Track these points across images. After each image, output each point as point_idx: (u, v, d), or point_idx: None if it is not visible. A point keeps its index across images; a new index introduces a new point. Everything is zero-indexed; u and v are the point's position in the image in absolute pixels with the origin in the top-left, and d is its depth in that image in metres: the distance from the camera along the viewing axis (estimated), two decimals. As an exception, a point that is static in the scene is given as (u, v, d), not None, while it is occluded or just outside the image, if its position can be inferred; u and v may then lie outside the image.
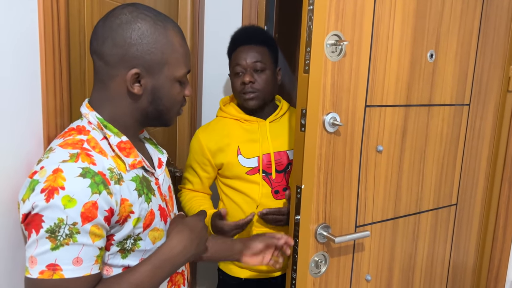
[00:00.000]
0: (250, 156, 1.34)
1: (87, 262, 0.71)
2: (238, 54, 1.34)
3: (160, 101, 0.82)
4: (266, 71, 1.33)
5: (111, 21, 0.77)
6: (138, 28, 0.77)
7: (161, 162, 0.93)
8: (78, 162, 0.72)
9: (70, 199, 0.68)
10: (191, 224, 0.87)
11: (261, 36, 1.38)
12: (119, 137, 0.80)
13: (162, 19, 0.80)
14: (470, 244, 1.46)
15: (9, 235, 0.78)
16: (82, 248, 0.70)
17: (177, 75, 0.82)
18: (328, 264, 1.07)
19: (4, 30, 0.73)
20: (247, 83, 1.31)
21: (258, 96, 1.33)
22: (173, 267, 0.81)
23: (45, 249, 0.68)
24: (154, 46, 0.78)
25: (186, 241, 0.83)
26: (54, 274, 0.68)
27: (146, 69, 0.78)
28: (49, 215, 0.68)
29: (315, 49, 0.94)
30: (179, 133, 1.73)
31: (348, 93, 1.01)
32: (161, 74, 0.80)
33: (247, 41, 1.35)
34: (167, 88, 0.82)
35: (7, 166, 0.76)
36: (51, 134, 0.86)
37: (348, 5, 0.96)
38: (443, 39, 1.18)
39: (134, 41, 0.76)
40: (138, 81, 0.79)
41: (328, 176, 1.02)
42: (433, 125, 1.23)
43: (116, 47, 0.76)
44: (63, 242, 0.68)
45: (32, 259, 0.69)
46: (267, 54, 1.35)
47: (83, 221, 0.69)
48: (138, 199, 0.79)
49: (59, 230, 0.68)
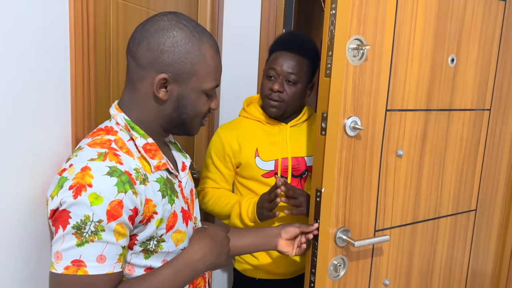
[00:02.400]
0: (268, 159, 1.34)
1: (110, 260, 0.72)
2: (277, 57, 1.31)
3: (184, 110, 0.83)
4: (297, 85, 1.31)
5: (150, 25, 0.79)
6: (173, 36, 0.78)
7: (184, 165, 0.94)
8: (106, 161, 0.73)
9: (97, 196, 0.70)
10: (212, 233, 0.89)
11: (305, 47, 1.33)
12: (145, 139, 0.82)
13: (199, 31, 0.81)
14: (489, 251, 1.45)
15: (38, 232, 0.81)
16: (106, 246, 0.72)
17: (205, 87, 0.83)
18: (347, 268, 1.07)
19: (37, 34, 0.75)
20: (275, 91, 1.29)
21: (281, 106, 1.32)
22: (193, 272, 0.82)
23: (71, 245, 0.70)
24: (185, 56, 0.79)
25: (206, 249, 0.85)
26: (78, 270, 0.70)
27: (174, 76, 0.80)
28: (76, 212, 0.70)
29: (337, 53, 0.95)
30: (197, 136, 1.75)
31: (369, 97, 1.02)
32: (188, 84, 0.82)
33: (290, 47, 1.31)
34: (192, 99, 0.83)
35: (37, 166, 0.78)
36: (79, 135, 0.88)
37: (370, 10, 0.97)
38: (464, 43, 1.18)
39: (167, 48, 0.78)
40: (165, 87, 0.80)
41: (348, 180, 1.03)
42: (453, 130, 1.22)
43: (149, 50, 0.78)
44: (88, 239, 0.70)
45: (57, 255, 0.70)
46: (304, 68, 1.31)
47: (109, 219, 0.71)
48: (162, 200, 0.80)
49: (85, 227, 0.70)
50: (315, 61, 1.34)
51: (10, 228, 0.72)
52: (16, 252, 0.74)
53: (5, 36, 0.66)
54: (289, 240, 1.07)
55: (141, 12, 1.25)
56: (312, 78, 1.37)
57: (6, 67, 0.67)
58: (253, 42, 1.77)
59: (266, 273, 1.41)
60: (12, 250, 0.73)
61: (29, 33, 0.73)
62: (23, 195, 0.75)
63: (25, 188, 0.75)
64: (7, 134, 0.69)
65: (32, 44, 0.74)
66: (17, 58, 0.70)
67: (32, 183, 0.77)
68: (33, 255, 0.79)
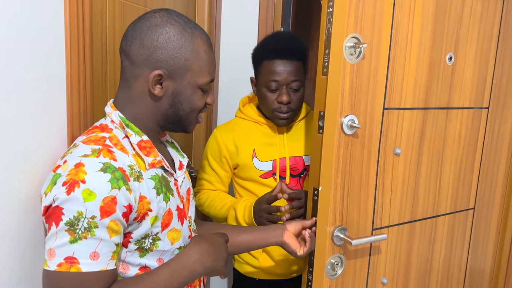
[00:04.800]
0: (265, 159, 1.34)
1: (104, 257, 0.72)
2: (274, 67, 1.26)
3: (180, 106, 0.83)
4: (301, 89, 1.30)
5: (142, 23, 0.79)
6: (166, 32, 0.78)
7: (181, 164, 0.94)
8: (100, 157, 0.73)
9: (90, 192, 0.70)
10: (210, 238, 0.89)
11: (298, 50, 1.29)
12: (140, 136, 0.82)
13: (191, 26, 0.82)
14: (488, 249, 1.45)
15: (33, 231, 0.81)
16: (100, 243, 0.71)
17: (200, 82, 0.83)
18: (345, 267, 1.07)
19: (31, 32, 0.75)
20: (285, 104, 1.27)
21: (291, 116, 1.31)
22: (190, 274, 0.82)
23: (64, 242, 0.69)
24: (178, 52, 0.79)
25: (203, 251, 0.84)
26: (71, 267, 0.69)
27: (169, 72, 0.80)
28: (69, 208, 0.69)
29: (334, 52, 0.95)
30: (195, 135, 1.75)
31: (366, 95, 1.01)
32: (183, 80, 0.82)
33: (288, 55, 1.26)
34: (188, 94, 0.83)
35: (33, 165, 0.78)
36: (75, 133, 0.88)
37: (368, 8, 0.96)
38: (462, 42, 1.17)
39: (160, 44, 0.78)
40: (160, 83, 0.80)
41: (346, 178, 1.02)
42: (451, 128, 1.22)
43: (142, 47, 0.78)
44: (81, 235, 0.70)
45: (51, 252, 0.70)
46: (302, 70, 1.29)
47: (102, 215, 0.70)
48: (157, 198, 0.80)
49: (78, 223, 0.69)
50: (306, 59, 1.33)
51: (5, 226, 0.72)
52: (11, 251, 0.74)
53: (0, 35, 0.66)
54: (294, 235, 1.07)
55: (138, 10, 1.25)
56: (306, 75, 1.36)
57: (1, 65, 0.67)
58: (251, 42, 1.77)
59: (266, 274, 1.41)
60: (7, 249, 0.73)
61: (24, 31, 0.73)
62: (18, 194, 0.75)
63: (20, 187, 0.75)
64: (3, 132, 0.69)
65: (28, 42, 0.74)
66: (13, 56, 0.70)
67: (27, 182, 0.77)
68: (28, 254, 0.79)
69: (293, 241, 1.05)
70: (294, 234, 1.07)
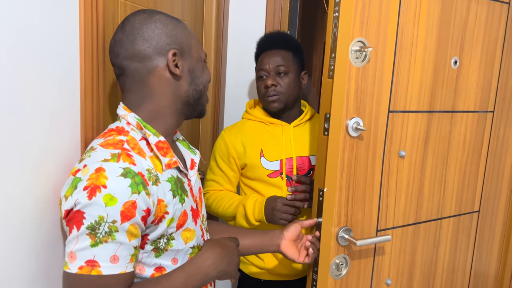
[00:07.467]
0: (273, 159, 1.36)
1: (123, 260, 0.73)
2: (262, 59, 1.39)
3: (198, 80, 0.88)
4: (289, 74, 1.36)
5: (131, 24, 0.83)
6: (158, 19, 0.83)
7: (193, 163, 0.96)
8: (120, 162, 0.74)
9: (111, 197, 0.71)
10: (222, 242, 0.91)
11: (285, 41, 1.40)
12: (157, 137, 0.83)
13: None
14: (492, 252, 1.45)
15: (48, 232, 0.81)
16: (119, 247, 0.72)
17: (202, 56, 0.90)
18: (349, 267, 1.09)
19: (46, 35, 0.77)
20: (270, 86, 1.35)
21: (280, 99, 1.36)
22: (204, 277, 0.84)
23: (85, 245, 0.70)
24: (176, 31, 0.84)
25: (216, 255, 0.87)
26: (92, 270, 0.70)
27: (179, 51, 0.84)
28: (91, 212, 0.70)
29: (340, 55, 0.96)
30: (202, 136, 1.77)
31: (371, 98, 1.03)
32: (191, 56, 0.87)
33: (271, 46, 1.39)
34: (200, 68, 0.89)
35: (47, 166, 0.79)
36: (88, 135, 0.90)
37: (373, 12, 0.98)
38: (468, 46, 1.18)
39: (160, 29, 0.82)
40: (175, 65, 0.83)
41: (351, 180, 1.04)
42: (456, 132, 1.23)
43: (146, 41, 0.81)
44: (102, 239, 0.71)
45: (71, 255, 0.71)
46: (290, 58, 1.37)
47: (122, 219, 0.71)
48: (173, 200, 0.81)
49: (99, 228, 0.70)
50: (298, 51, 1.41)
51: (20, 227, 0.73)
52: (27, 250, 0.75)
53: (15, 37, 0.68)
54: (293, 242, 1.08)
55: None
56: (302, 67, 1.43)
57: (17, 69, 0.69)
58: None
59: (271, 275, 1.42)
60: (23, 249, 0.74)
61: (38, 34, 0.74)
62: (33, 194, 0.75)
63: (36, 188, 0.76)
64: (19, 135, 0.70)
65: (42, 45, 0.75)
66: (27, 59, 0.71)
67: (43, 183, 0.78)
68: (43, 253, 0.80)
69: (291, 250, 1.07)
70: (293, 238, 1.08)
